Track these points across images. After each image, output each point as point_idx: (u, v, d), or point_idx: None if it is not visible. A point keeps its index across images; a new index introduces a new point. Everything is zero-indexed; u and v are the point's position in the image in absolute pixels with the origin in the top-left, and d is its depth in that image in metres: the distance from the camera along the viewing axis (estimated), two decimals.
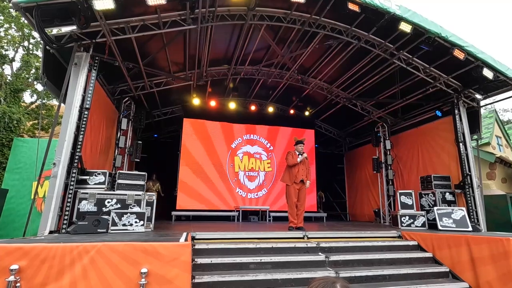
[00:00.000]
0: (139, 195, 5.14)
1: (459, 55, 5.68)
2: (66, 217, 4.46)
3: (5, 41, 12.28)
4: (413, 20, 5.44)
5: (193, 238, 4.25)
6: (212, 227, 5.78)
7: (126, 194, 5.04)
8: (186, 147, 9.18)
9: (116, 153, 7.02)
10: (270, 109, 10.29)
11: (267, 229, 5.69)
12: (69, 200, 4.54)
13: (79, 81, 4.91)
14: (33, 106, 13.48)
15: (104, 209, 4.79)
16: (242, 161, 9.75)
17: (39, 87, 13.09)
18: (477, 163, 6.89)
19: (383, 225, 8.18)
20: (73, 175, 4.63)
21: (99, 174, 5.13)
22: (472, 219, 6.13)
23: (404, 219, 6.16)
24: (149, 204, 5.22)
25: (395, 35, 6.07)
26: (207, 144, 9.44)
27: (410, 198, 6.64)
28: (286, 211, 5.95)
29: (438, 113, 7.47)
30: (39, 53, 12.84)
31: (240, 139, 9.92)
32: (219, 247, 4.06)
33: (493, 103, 7.69)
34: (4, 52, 12.16)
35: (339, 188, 11.75)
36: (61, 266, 2.79)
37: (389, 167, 8.83)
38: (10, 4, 4.01)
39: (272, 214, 8.93)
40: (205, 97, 9.34)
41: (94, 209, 4.75)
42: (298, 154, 5.83)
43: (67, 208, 4.51)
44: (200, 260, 3.67)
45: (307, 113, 10.37)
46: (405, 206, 6.56)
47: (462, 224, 5.52)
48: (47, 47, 4.81)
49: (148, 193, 5.32)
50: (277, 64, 8.18)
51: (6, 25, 12.26)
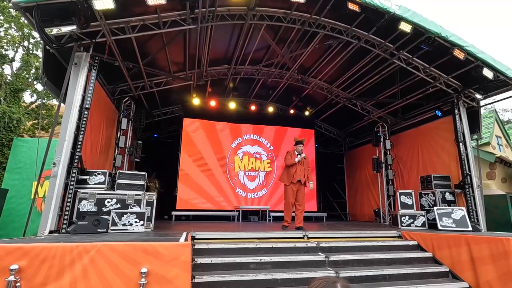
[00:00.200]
0: (139, 195, 5.14)
1: (459, 55, 5.68)
2: (66, 217, 4.47)
3: (5, 41, 12.28)
4: (413, 20, 5.44)
5: (193, 238, 4.26)
6: (212, 227, 5.78)
7: (126, 194, 5.05)
8: (186, 147, 9.18)
9: (116, 153, 7.02)
10: (270, 109, 10.29)
11: (267, 229, 5.69)
12: (69, 200, 4.54)
13: (79, 81, 4.92)
14: (33, 106, 13.48)
15: (104, 209, 4.80)
16: (242, 161, 9.75)
17: (39, 87, 13.10)
18: (477, 163, 6.89)
19: (383, 225, 8.19)
20: (73, 175, 4.63)
21: (99, 174, 5.13)
22: (472, 219, 6.13)
23: (404, 219, 6.16)
24: (149, 204, 5.22)
25: (395, 35, 6.07)
26: (207, 144, 9.44)
27: (410, 198, 6.65)
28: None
29: (438, 113, 7.47)
30: (39, 53, 12.84)
31: (240, 139, 9.92)
32: (219, 247, 4.06)
33: (493, 103, 7.70)
34: (4, 52, 12.16)
35: (339, 188, 11.74)
36: (61, 266, 2.79)
37: (389, 167, 8.83)
38: (10, 4, 4.00)
39: (272, 214, 8.93)
40: (205, 97, 9.34)
41: (94, 209, 4.75)
42: (297, 154, 5.82)
43: (67, 208, 4.51)
44: (200, 260, 3.68)
45: (307, 113, 10.36)
46: (405, 206, 6.56)
47: (462, 224, 5.52)
48: (47, 47, 4.80)
49: (148, 193, 5.32)
50: (277, 64, 8.18)
51: (6, 25, 12.25)
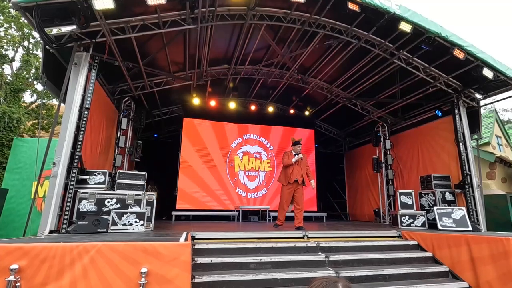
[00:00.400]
0: (139, 194, 5.14)
1: (459, 54, 5.68)
2: (66, 217, 4.47)
3: (5, 40, 12.28)
4: (413, 19, 5.44)
5: (193, 238, 4.26)
6: (212, 227, 5.78)
7: (126, 194, 5.05)
8: (186, 147, 9.18)
9: (116, 153, 7.02)
10: (270, 109, 10.29)
11: (267, 228, 5.68)
12: (69, 199, 4.54)
13: (79, 81, 4.92)
14: (33, 106, 13.48)
15: (104, 209, 4.79)
16: (242, 160, 9.75)
17: (39, 87, 13.10)
18: (477, 163, 6.89)
19: (383, 224, 8.19)
20: (73, 174, 4.63)
21: (99, 173, 5.13)
22: (472, 219, 6.13)
23: (404, 219, 6.16)
24: (149, 203, 5.23)
25: (395, 34, 6.06)
26: (207, 144, 9.44)
27: (410, 198, 6.65)
28: (291, 211, 5.95)
29: (438, 113, 7.47)
30: (39, 53, 12.84)
31: (240, 139, 9.92)
32: (219, 246, 4.06)
33: (493, 103, 7.69)
34: (4, 52, 12.16)
35: (339, 188, 11.74)
36: (61, 265, 2.79)
37: (389, 167, 8.83)
38: (10, 4, 4.00)
39: (272, 213, 8.92)
40: (205, 97, 9.34)
41: (94, 208, 4.75)
42: (295, 155, 5.83)
43: (67, 208, 4.51)
44: (200, 260, 3.68)
45: (307, 112, 10.36)
46: (405, 205, 6.56)
47: (462, 223, 5.52)
48: (47, 46, 4.80)
49: (148, 193, 5.32)
50: (277, 64, 8.17)
51: (6, 25, 12.25)
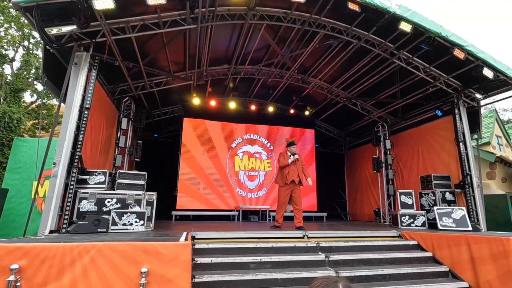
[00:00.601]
0: (139, 194, 5.15)
1: (459, 54, 5.67)
2: (66, 217, 4.47)
3: (5, 40, 12.27)
4: (413, 19, 5.44)
5: (193, 238, 4.26)
6: (212, 227, 5.78)
7: (126, 194, 5.05)
8: (186, 147, 9.19)
9: (116, 153, 7.02)
10: (270, 109, 10.29)
11: (267, 228, 5.69)
12: (69, 199, 4.54)
13: (79, 81, 4.92)
14: (33, 105, 13.48)
15: (104, 209, 4.80)
16: (242, 160, 9.75)
17: (39, 87, 13.09)
18: (477, 163, 6.89)
19: (383, 224, 8.19)
20: (73, 174, 4.63)
21: (99, 173, 5.13)
22: (472, 219, 6.13)
23: (404, 219, 6.16)
24: (149, 203, 5.23)
25: (395, 34, 6.06)
26: (207, 144, 9.44)
27: (410, 198, 6.65)
28: (290, 211, 5.96)
29: (438, 113, 7.47)
30: (39, 53, 12.84)
31: (240, 139, 9.92)
32: (219, 246, 4.06)
33: (493, 103, 7.70)
34: (4, 52, 12.16)
35: (339, 187, 11.74)
36: (62, 265, 2.79)
37: (389, 167, 8.83)
38: (10, 4, 4.00)
39: (272, 213, 8.92)
40: (205, 97, 9.34)
41: (94, 208, 4.76)
42: (290, 155, 5.86)
43: (67, 208, 4.51)
44: (200, 260, 3.68)
45: (307, 112, 10.35)
46: (405, 205, 6.57)
47: (462, 223, 5.52)
48: (47, 46, 4.80)
49: (148, 193, 5.32)
50: (277, 64, 8.17)
51: (6, 25, 12.25)
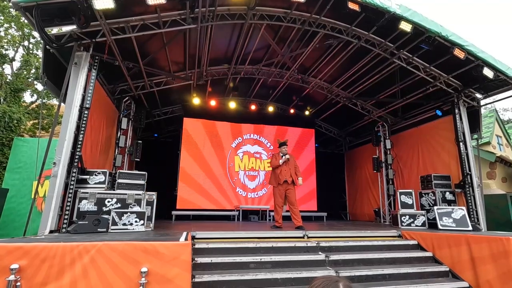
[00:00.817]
0: (139, 194, 5.15)
1: (459, 54, 5.67)
2: (66, 217, 4.47)
3: (5, 40, 12.27)
4: (413, 19, 5.43)
5: (193, 238, 4.26)
6: (212, 227, 5.79)
7: (126, 194, 5.06)
8: (186, 147, 9.19)
9: (116, 153, 7.02)
10: (270, 109, 10.28)
11: (267, 228, 5.69)
12: (69, 199, 4.54)
13: (79, 81, 4.92)
14: (33, 105, 13.47)
15: (104, 209, 4.80)
16: (242, 160, 9.75)
17: (39, 87, 13.08)
18: (477, 163, 6.89)
19: (383, 224, 8.19)
20: (73, 174, 4.63)
21: (99, 173, 5.13)
22: (472, 219, 6.13)
23: (404, 219, 6.16)
24: (149, 203, 5.23)
25: (395, 34, 6.06)
26: (207, 144, 9.44)
27: (410, 198, 6.65)
28: (286, 211, 5.97)
29: (438, 113, 7.47)
30: (39, 53, 12.83)
31: (240, 139, 9.92)
32: (219, 246, 4.06)
33: (494, 103, 7.70)
34: (4, 52, 12.15)
35: (339, 187, 11.73)
36: (62, 265, 2.80)
37: (389, 167, 8.83)
38: (10, 4, 4.00)
39: (272, 213, 8.88)
40: (205, 97, 9.33)
41: (94, 208, 4.76)
42: (282, 156, 5.91)
43: (67, 208, 4.51)
44: (200, 260, 3.68)
45: (307, 112, 10.35)
46: (405, 205, 6.57)
47: (462, 223, 5.52)
48: (47, 46, 4.80)
49: (148, 193, 5.32)
50: (277, 64, 8.17)
51: (6, 25, 12.24)
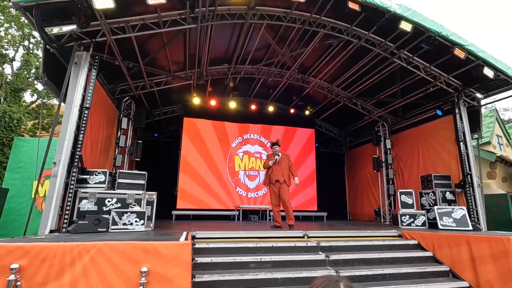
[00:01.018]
0: (140, 194, 5.15)
1: (460, 54, 5.67)
2: (66, 216, 4.48)
3: (6, 40, 12.27)
4: (414, 19, 5.43)
5: (193, 237, 4.26)
6: (212, 226, 5.79)
7: (126, 194, 5.06)
8: (186, 146, 9.19)
9: (116, 153, 7.02)
10: (271, 108, 10.29)
11: (267, 228, 5.70)
12: (69, 199, 4.54)
13: (79, 81, 4.92)
14: (34, 105, 13.47)
15: (105, 208, 4.80)
16: (242, 160, 9.75)
17: (40, 87, 13.08)
18: (478, 162, 6.89)
19: (383, 224, 8.19)
20: (74, 174, 4.63)
21: (99, 173, 5.13)
22: (473, 218, 6.12)
23: (404, 218, 6.16)
24: (149, 203, 5.23)
25: (396, 34, 6.06)
26: (207, 143, 9.44)
27: (411, 197, 6.65)
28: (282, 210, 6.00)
29: (439, 112, 7.47)
30: (39, 53, 12.83)
31: (240, 139, 9.92)
32: (219, 246, 4.06)
33: (494, 102, 7.69)
34: (4, 52, 12.16)
35: (339, 187, 11.73)
36: (62, 265, 2.80)
37: (390, 166, 8.82)
38: (10, 4, 4.00)
39: (272, 213, 8.92)
40: (205, 97, 9.33)
41: (95, 208, 4.76)
42: (274, 156, 5.97)
43: (68, 207, 4.51)
44: (200, 259, 3.68)
45: (307, 112, 10.35)
46: (405, 205, 6.57)
47: (462, 223, 5.52)
48: (47, 46, 4.81)
49: (149, 192, 5.32)
50: (277, 63, 8.17)
51: (6, 25, 12.24)
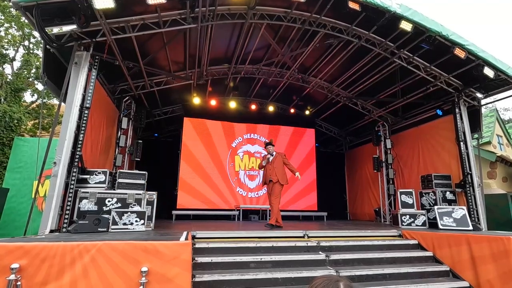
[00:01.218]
0: (140, 194, 5.15)
1: (460, 53, 5.67)
2: (66, 216, 4.48)
3: (6, 40, 12.27)
4: (414, 18, 5.43)
5: (193, 237, 4.26)
6: (212, 226, 5.79)
7: (126, 193, 5.06)
8: (186, 146, 9.19)
9: (116, 152, 7.02)
10: (271, 108, 10.28)
11: (267, 228, 5.69)
12: (69, 199, 4.55)
13: (80, 80, 4.92)
14: (34, 105, 13.48)
15: (105, 208, 4.81)
16: (242, 160, 9.75)
17: (40, 87, 13.08)
18: (478, 162, 6.88)
19: (384, 224, 8.19)
20: (74, 174, 4.64)
21: (99, 173, 5.14)
22: (473, 218, 6.12)
23: (404, 218, 6.16)
24: (149, 203, 5.23)
25: (396, 34, 6.05)
26: (208, 143, 9.44)
27: (411, 197, 6.65)
28: (286, 211, 6.00)
29: (439, 112, 7.47)
30: (40, 53, 12.83)
31: (241, 138, 9.92)
32: (220, 246, 4.07)
33: (494, 102, 7.68)
34: (4, 52, 12.16)
35: (339, 187, 11.73)
36: (62, 265, 2.80)
37: (390, 166, 8.82)
38: (10, 3, 4.00)
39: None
40: (206, 96, 9.33)
41: (95, 208, 4.76)
42: (268, 156, 6.06)
43: (68, 207, 4.52)
44: (200, 259, 3.68)
45: (307, 112, 10.35)
46: (405, 205, 6.57)
47: (462, 223, 5.52)
48: (47, 46, 4.80)
49: (149, 192, 5.32)
50: (277, 63, 8.17)
51: (6, 24, 12.25)
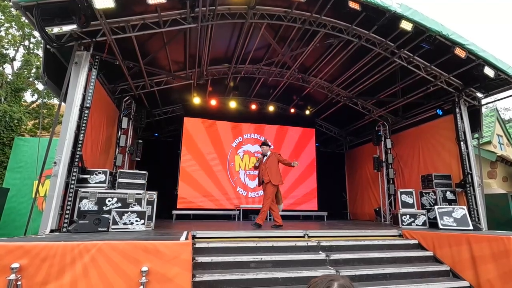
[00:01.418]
0: (140, 194, 5.15)
1: (460, 53, 5.66)
2: (67, 216, 4.48)
3: (6, 40, 12.27)
4: (414, 18, 5.43)
5: (193, 237, 4.27)
6: (212, 226, 5.79)
7: (126, 193, 5.06)
8: (186, 146, 9.19)
9: (116, 152, 7.03)
10: (271, 108, 10.28)
11: (268, 228, 5.69)
12: (70, 199, 4.55)
13: (80, 80, 4.92)
14: (34, 105, 13.48)
15: (105, 208, 4.81)
16: (242, 160, 9.75)
17: (40, 86, 13.08)
18: (478, 162, 6.88)
19: (384, 224, 8.19)
20: (74, 174, 4.64)
21: (99, 173, 5.14)
22: (473, 218, 6.12)
23: (404, 218, 6.16)
24: (149, 203, 5.23)
25: (396, 33, 6.05)
26: (208, 143, 9.44)
27: (411, 197, 6.64)
28: (286, 210, 5.99)
29: (439, 112, 7.46)
30: (40, 52, 12.84)
31: (241, 138, 9.91)
32: (220, 245, 4.07)
33: (494, 102, 7.68)
34: (5, 52, 12.16)
35: (339, 187, 11.73)
36: (62, 264, 2.80)
37: (390, 166, 8.82)
38: (11, 3, 4.00)
39: (271, 213, 8.91)
40: (206, 96, 9.33)
41: (95, 208, 4.77)
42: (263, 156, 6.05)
43: (68, 207, 4.52)
44: (200, 259, 3.69)
45: (307, 112, 10.35)
46: (405, 205, 6.57)
47: (463, 222, 5.52)
48: (47, 46, 4.80)
49: (149, 192, 5.32)
50: (277, 63, 8.17)
51: (6, 24, 12.25)
